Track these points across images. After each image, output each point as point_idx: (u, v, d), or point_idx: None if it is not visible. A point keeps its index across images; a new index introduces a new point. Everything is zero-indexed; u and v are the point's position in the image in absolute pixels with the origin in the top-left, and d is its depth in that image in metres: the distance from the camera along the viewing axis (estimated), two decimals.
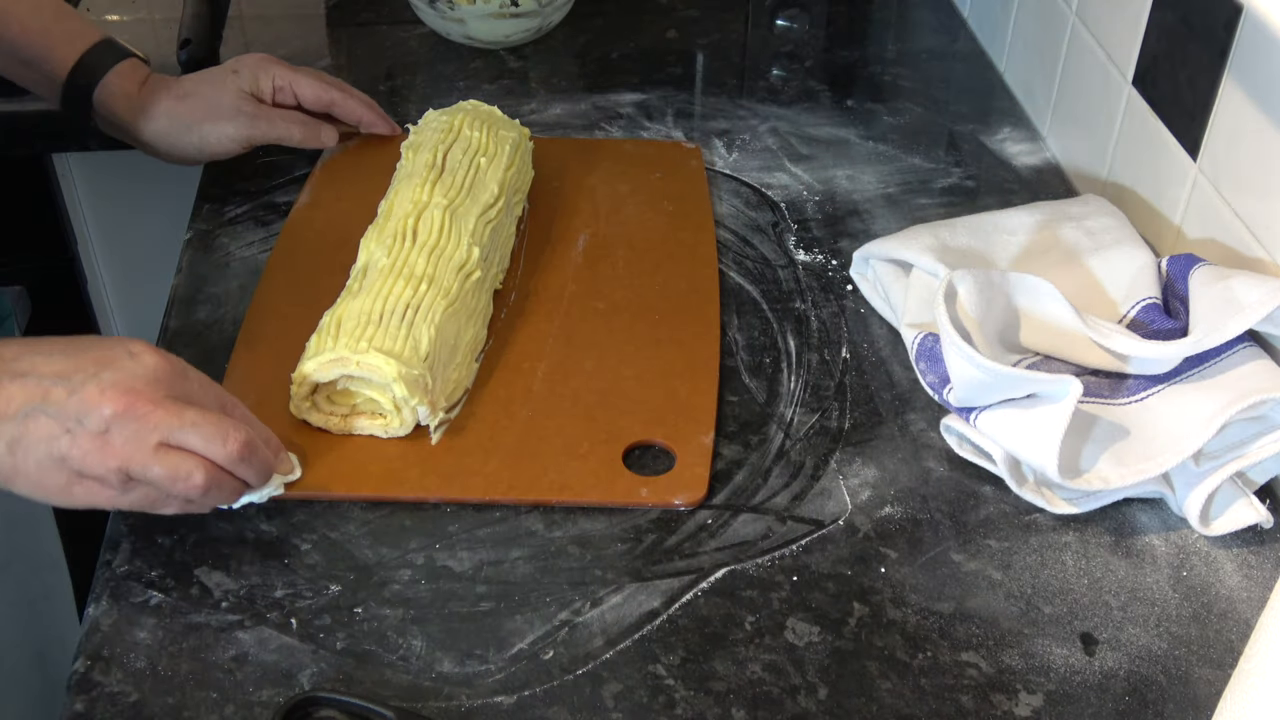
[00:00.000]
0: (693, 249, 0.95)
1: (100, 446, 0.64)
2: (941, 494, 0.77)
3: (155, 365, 0.66)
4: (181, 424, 0.65)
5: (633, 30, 1.29)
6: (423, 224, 0.85)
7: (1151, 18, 0.93)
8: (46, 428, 0.64)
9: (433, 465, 0.76)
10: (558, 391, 0.82)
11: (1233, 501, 0.74)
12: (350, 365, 0.75)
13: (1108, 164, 1.01)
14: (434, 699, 0.64)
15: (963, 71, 1.25)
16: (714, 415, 0.80)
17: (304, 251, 0.92)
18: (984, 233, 0.89)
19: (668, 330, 0.87)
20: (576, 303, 0.90)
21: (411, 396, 0.75)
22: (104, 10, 1.29)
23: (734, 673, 0.66)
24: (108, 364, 0.65)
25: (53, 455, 0.64)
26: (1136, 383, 0.77)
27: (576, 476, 0.75)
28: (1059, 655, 0.68)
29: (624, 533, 0.73)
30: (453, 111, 0.97)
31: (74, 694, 0.64)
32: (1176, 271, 0.82)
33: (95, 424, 0.64)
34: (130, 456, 0.64)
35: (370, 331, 0.76)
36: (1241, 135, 0.82)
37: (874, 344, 0.88)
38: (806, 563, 0.72)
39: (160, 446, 0.65)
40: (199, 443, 0.66)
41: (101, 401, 0.64)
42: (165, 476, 0.65)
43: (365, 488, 0.75)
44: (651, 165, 1.05)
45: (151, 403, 0.65)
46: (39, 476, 0.65)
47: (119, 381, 0.65)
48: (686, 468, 0.76)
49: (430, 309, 0.79)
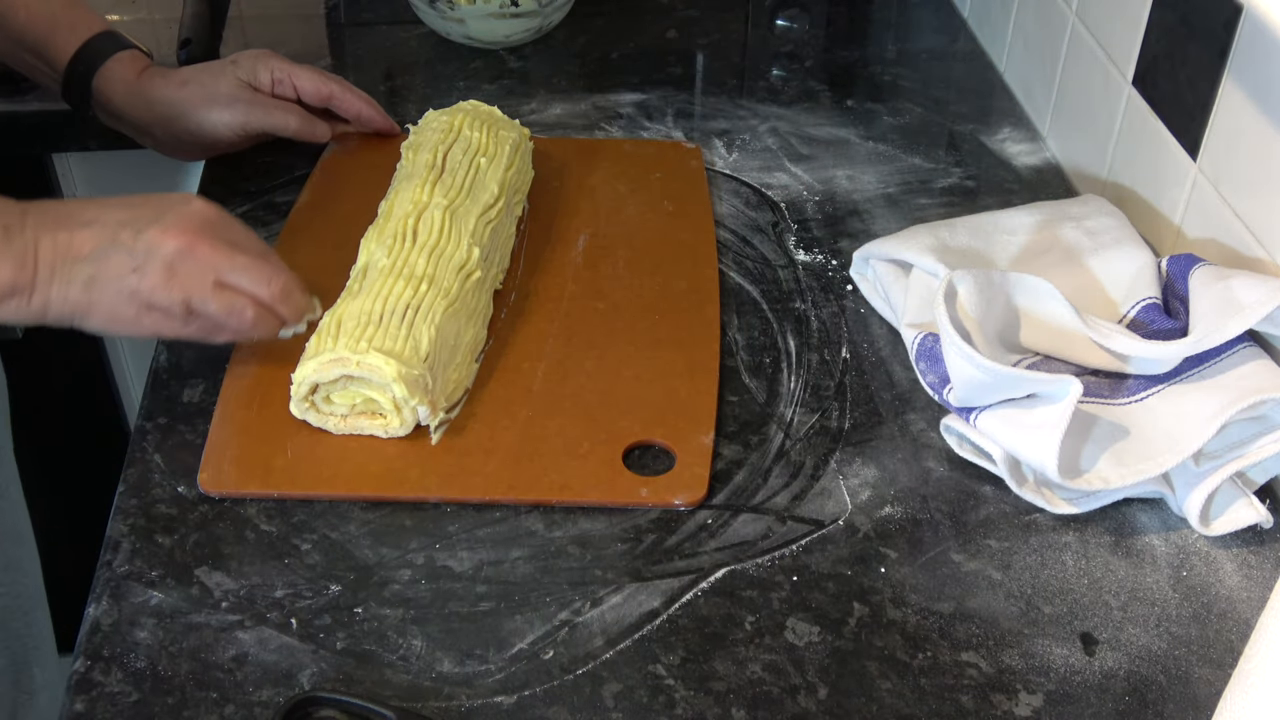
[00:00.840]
0: (693, 249, 0.95)
1: (167, 280, 0.72)
2: (941, 494, 0.77)
3: (206, 211, 0.75)
4: (234, 266, 0.74)
5: (633, 30, 1.29)
6: (423, 224, 0.85)
7: (1151, 18, 0.93)
8: (119, 265, 0.71)
9: (433, 465, 0.76)
10: (558, 391, 0.81)
11: (1233, 501, 0.74)
12: (350, 365, 0.75)
13: (1108, 164, 1.01)
14: (434, 699, 0.64)
15: (963, 71, 1.25)
16: (714, 415, 0.80)
17: (304, 252, 0.92)
18: (984, 233, 0.89)
19: (668, 330, 0.87)
20: (577, 303, 0.90)
21: (411, 397, 0.75)
22: (105, 9, 1.29)
23: (734, 673, 0.66)
24: (166, 209, 0.73)
25: (125, 290, 0.72)
26: (1136, 383, 0.77)
27: (576, 476, 0.75)
28: (1059, 655, 0.68)
29: (624, 533, 0.73)
30: (453, 112, 0.97)
31: (74, 694, 0.64)
32: (1176, 271, 0.82)
33: (162, 260, 0.72)
34: (192, 289, 0.73)
35: (370, 332, 0.76)
36: (1241, 135, 0.82)
37: (874, 344, 0.88)
38: (806, 563, 0.72)
39: (217, 284, 0.73)
40: (248, 283, 0.75)
41: (165, 240, 0.72)
42: (221, 311, 0.74)
43: (365, 487, 0.75)
44: (651, 165, 1.05)
45: (209, 244, 0.73)
46: (113, 308, 0.73)
47: (179, 223, 0.73)
48: (686, 468, 0.76)
49: (430, 309, 0.79)
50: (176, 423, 0.79)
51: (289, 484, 0.74)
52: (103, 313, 0.73)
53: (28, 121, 1.16)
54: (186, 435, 0.78)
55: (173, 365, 0.84)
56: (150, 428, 0.79)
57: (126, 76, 0.96)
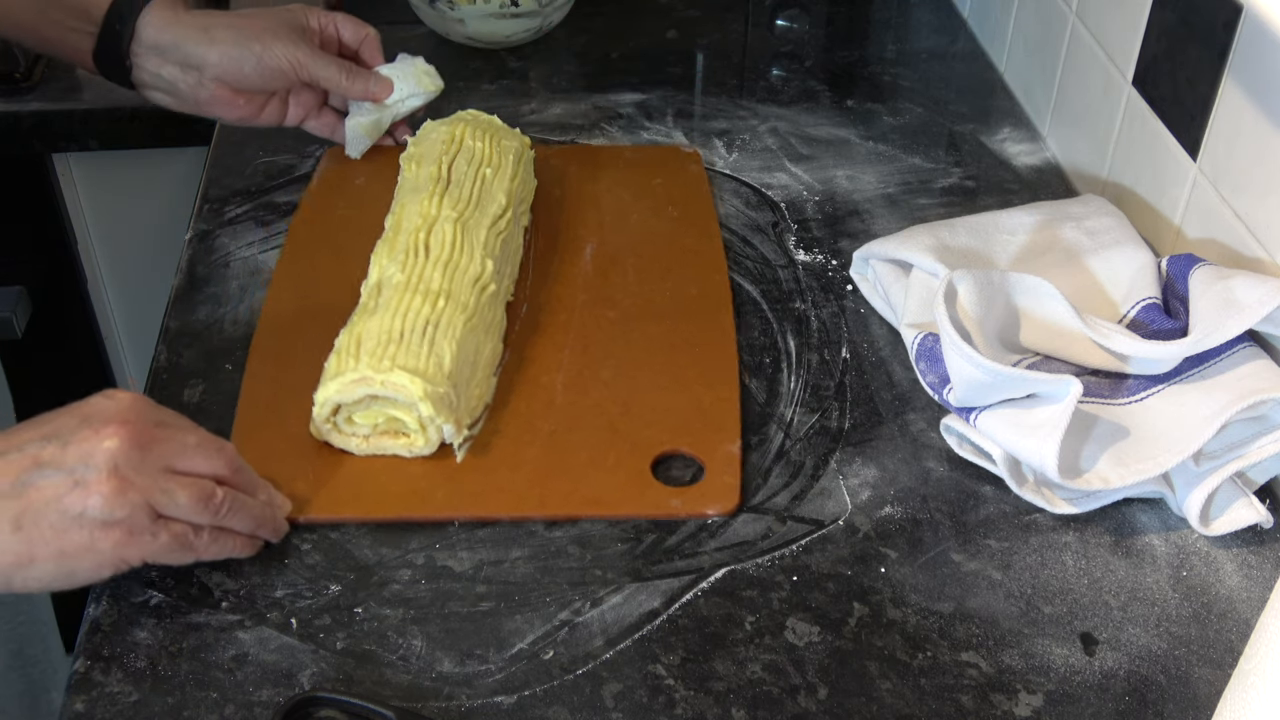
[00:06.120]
0: (700, 254, 0.95)
1: (118, 486, 0.61)
2: (941, 494, 0.77)
3: (133, 400, 0.64)
4: (184, 448, 0.64)
5: (633, 30, 1.29)
6: (434, 238, 0.83)
7: (1151, 18, 0.93)
8: (52, 488, 0.60)
9: (459, 484, 0.75)
10: (579, 403, 0.81)
11: (1233, 501, 0.74)
12: (375, 385, 0.73)
13: (1108, 164, 1.01)
14: (434, 699, 0.64)
15: (963, 71, 1.25)
16: (739, 422, 0.79)
17: (307, 268, 0.91)
18: (984, 233, 0.89)
19: (683, 337, 0.86)
20: (589, 312, 0.89)
21: (438, 415, 0.73)
22: None
23: (734, 673, 0.66)
24: (89, 410, 0.63)
25: (68, 513, 0.60)
26: (1136, 383, 0.77)
27: (606, 490, 0.75)
28: (1059, 655, 0.68)
29: (624, 533, 0.73)
30: (452, 121, 0.96)
31: (74, 694, 0.64)
32: (1176, 271, 0.82)
33: (103, 462, 0.60)
34: (150, 487, 0.62)
35: (392, 350, 0.74)
36: (1241, 135, 0.82)
37: (874, 344, 0.88)
38: (806, 563, 0.72)
39: (172, 472, 0.63)
40: (203, 461, 0.65)
41: (100, 440, 0.61)
42: (193, 498, 0.63)
43: (394, 510, 0.73)
44: (652, 171, 1.04)
45: (150, 432, 0.63)
46: (59, 543, 0.60)
47: (111, 417, 0.62)
48: (716, 477, 0.76)
49: (450, 324, 0.77)
50: None
51: (316, 509, 0.73)
52: (47, 551, 0.60)
53: (28, 121, 1.16)
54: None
55: (173, 365, 0.84)
56: None
57: (175, 9, 0.94)
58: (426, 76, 1.02)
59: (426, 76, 1.02)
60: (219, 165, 1.03)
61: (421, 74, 1.01)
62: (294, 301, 0.88)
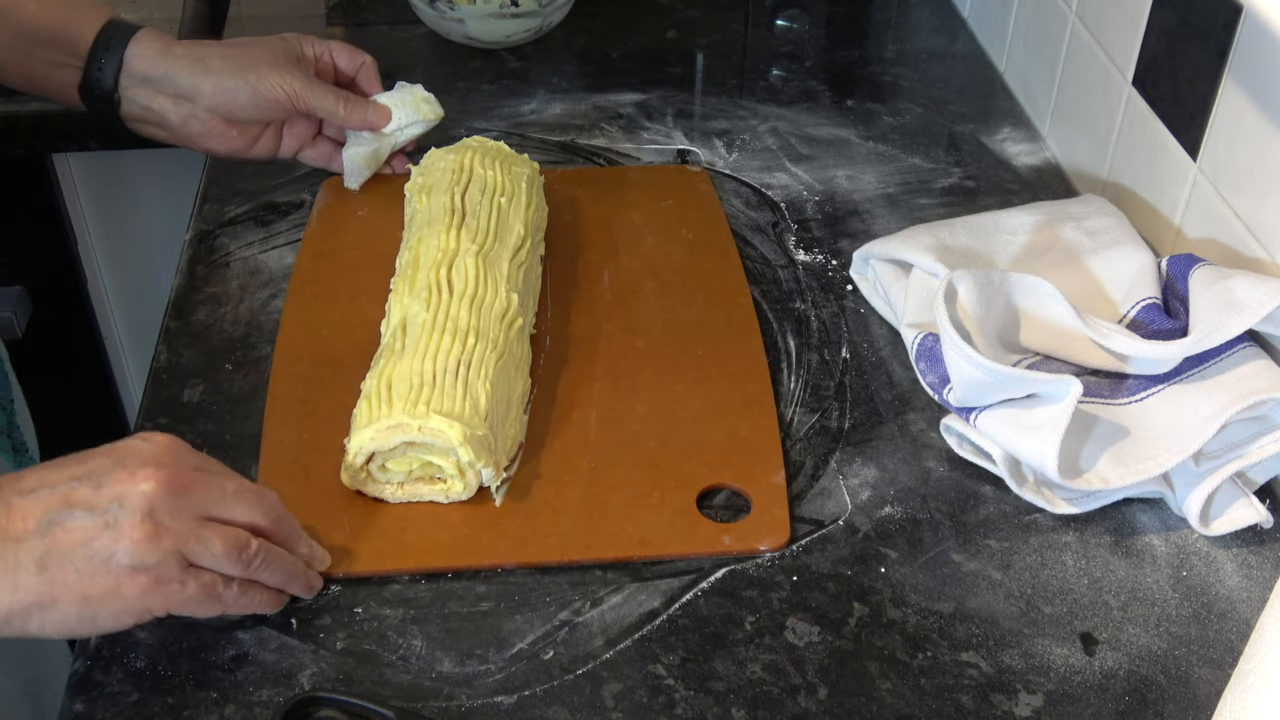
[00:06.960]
0: (721, 278, 0.92)
1: (151, 532, 0.59)
2: (941, 494, 0.77)
3: (170, 442, 0.62)
4: (223, 496, 0.62)
5: (633, 30, 1.29)
6: (456, 273, 0.79)
7: (1151, 18, 0.93)
8: (81, 530, 0.58)
9: (502, 529, 0.72)
10: (615, 439, 0.78)
11: (1233, 501, 0.74)
12: (411, 431, 0.70)
13: (1108, 164, 1.01)
14: (434, 699, 0.64)
15: (963, 71, 1.25)
16: (780, 453, 0.77)
17: (318, 308, 0.87)
18: (984, 233, 0.89)
19: (714, 366, 0.84)
20: (615, 341, 0.86)
21: (477, 459, 0.70)
22: None
23: (734, 673, 0.66)
24: (125, 451, 0.61)
25: (95, 557, 0.58)
26: (1136, 383, 0.77)
27: (653, 529, 0.72)
28: (1059, 655, 0.68)
29: None
30: (459, 149, 0.92)
31: (74, 694, 0.64)
32: (1176, 271, 0.82)
33: (138, 505, 0.58)
34: (185, 534, 0.60)
35: (426, 394, 0.71)
36: (1241, 135, 0.82)
37: (874, 344, 0.88)
38: (806, 563, 0.72)
39: (207, 520, 0.61)
40: (243, 510, 0.63)
41: (135, 483, 0.59)
42: (227, 548, 0.61)
43: (437, 560, 0.70)
44: (660, 192, 1.01)
45: (188, 477, 0.61)
46: (83, 586, 0.58)
47: (147, 460, 0.60)
48: (765, 510, 0.74)
49: (482, 364, 0.74)
50: (177, 423, 0.79)
51: (361, 563, 0.70)
52: (70, 596, 0.58)
53: (28, 121, 1.16)
54: (187, 435, 0.78)
55: (173, 365, 0.84)
56: (150, 428, 0.79)
57: (165, 41, 0.92)
58: (425, 104, 0.99)
59: (425, 104, 0.99)
60: (219, 165, 1.03)
61: (420, 101, 0.99)
62: (308, 346, 0.84)
